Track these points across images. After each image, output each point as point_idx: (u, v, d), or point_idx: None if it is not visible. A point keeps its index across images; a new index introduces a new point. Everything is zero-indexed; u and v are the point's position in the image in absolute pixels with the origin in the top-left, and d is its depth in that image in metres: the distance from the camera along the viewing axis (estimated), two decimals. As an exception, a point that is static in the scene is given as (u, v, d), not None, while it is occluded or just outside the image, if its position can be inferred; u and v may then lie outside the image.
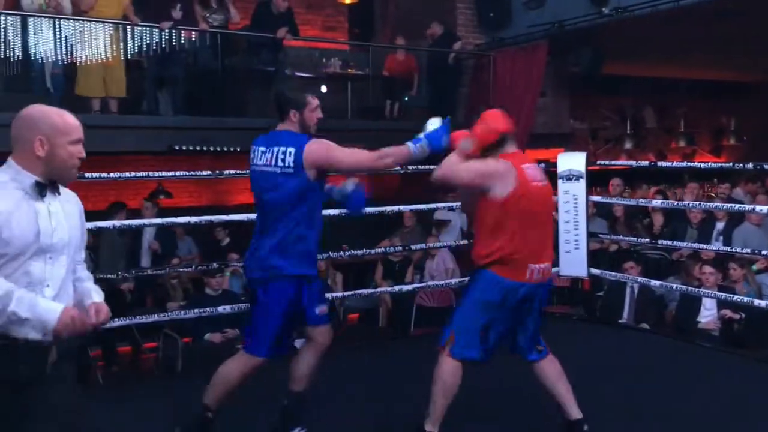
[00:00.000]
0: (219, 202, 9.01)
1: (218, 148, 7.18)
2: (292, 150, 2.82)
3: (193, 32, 7.11)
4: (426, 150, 2.88)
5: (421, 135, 2.92)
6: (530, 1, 8.12)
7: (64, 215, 2.00)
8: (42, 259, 1.93)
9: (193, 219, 4.21)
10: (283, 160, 2.82)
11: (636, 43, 8.43)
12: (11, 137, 1.97)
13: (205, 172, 4.43)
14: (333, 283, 6.72)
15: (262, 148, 2.93)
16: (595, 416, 2.98)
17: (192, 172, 4.62)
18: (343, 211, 3.43)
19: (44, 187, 1.95)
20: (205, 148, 7.09)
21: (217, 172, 4.36)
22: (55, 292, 1.95)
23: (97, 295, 2.10)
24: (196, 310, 4.31)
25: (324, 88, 8.67)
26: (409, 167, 4.37)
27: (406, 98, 8.77)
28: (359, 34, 10.12)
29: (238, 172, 4.18)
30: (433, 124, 2.93)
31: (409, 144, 2.90)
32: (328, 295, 4.87)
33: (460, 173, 2.84)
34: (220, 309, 4.26)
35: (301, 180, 2.81)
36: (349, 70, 8.45)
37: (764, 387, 3.71)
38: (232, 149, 7.19)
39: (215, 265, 5.35)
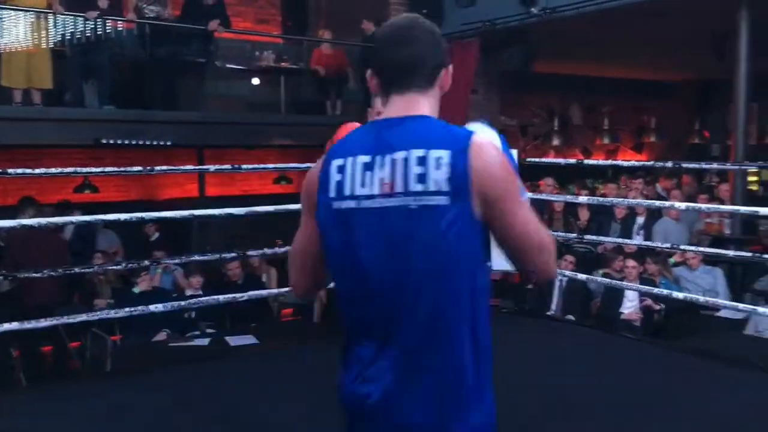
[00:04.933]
0: (149, 197, 8.82)
1: (147, 142, 7.02)
2: None
3: (119, 22, 6.93)
4: None
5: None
6: (462, -1, 8.24)
7: None
8: None
9: (123, 216, 4.12)
10: None
11: (564, 43, 8.67)
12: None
13: (135, 168, 4.34)
14: (267, 279, 6.69)
15: None
16: (522, 406, 3.07)
17: (123, 169, 4.50)
18: None
19: None
20: (134, 142, 6.92)
21: (149, 167, 4.27)
22: None
23: None
24: (126, 309, 4.22)
25: (256, 81, 8.59)
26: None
27: (340, 93, 8.78)
28: (292, 27, 10.05)
29: (170, 168, 4.10)
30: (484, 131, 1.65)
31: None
32: (263, 292, 4.87)
33: None
34: (152, 307, 4.19)
35: None
36: (283, 63, 8.39)
37: (683, 376, 3.89)
38: (162, 143, 7.05)
39: (146, 262, 5.24)
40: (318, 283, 1.57)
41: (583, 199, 6.30)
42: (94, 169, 4.31)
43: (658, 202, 6.11)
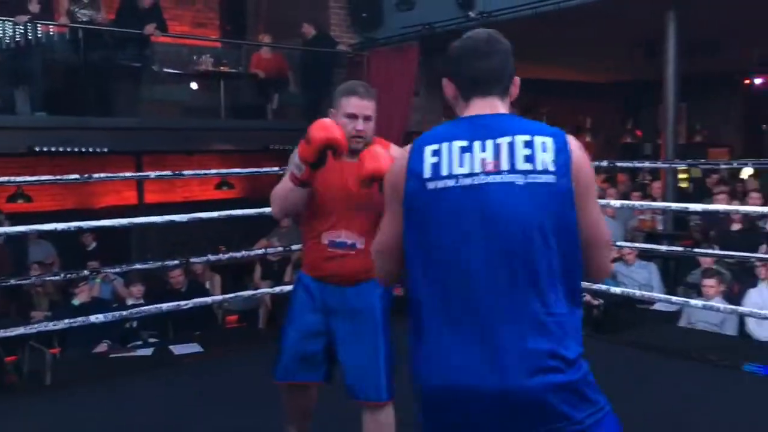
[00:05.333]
0: (85, 205, 8.59)
1: (83, 149, 6.85)
2: None
3: (51, 27, 6.74)
4: None
5: None
6: (401, 3, 8.31)
7: None
8: None
9: (60, 225, 4.00)
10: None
11: (501, 46, 8.83)
12: None
13: (72, 176, 4.22)
14: (211, 286, 6.60)
15: None
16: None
17: (59, 177, 4.37)
18: None
19: None
20: (68, 149, 6.74)
21: (87, 175, 4.16)
22: None
23: None
24: (65, 320, 4.10)
25: (194, 86, 8.47)
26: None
27: (276, 97, 8.72)
28: (231, 31, 9.94)
29: (109, 175, 4.01)
30: None
31: None
32: (207, 299, 4.80)
33: None
34: (92, 318, 4.08)
35: None
36: (222, 67, 8.30)
37: (624, 368, 4.01)
38: (98, 150, 6.88)
39: (86, 272, 5.10)
40: (401, 270, 1.59)
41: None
42: (28, 178, 4.16)
43: (601, 201, 6.29)
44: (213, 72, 8.15)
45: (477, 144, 1.45)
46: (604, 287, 5.04)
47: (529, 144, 1.44)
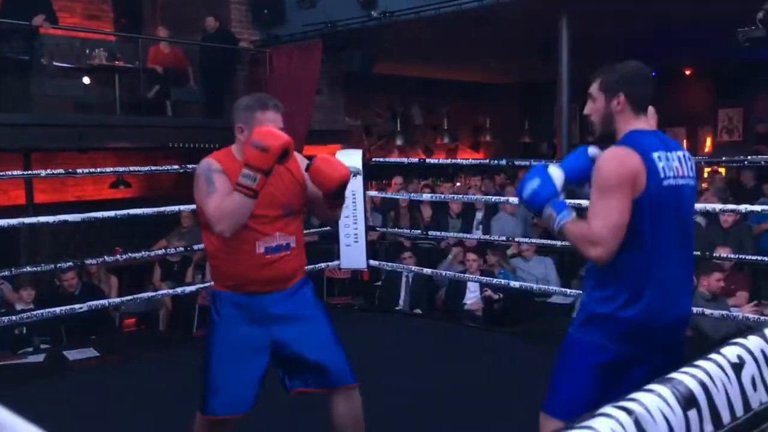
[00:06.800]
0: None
1: (-35, 146, 6.44)
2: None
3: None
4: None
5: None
6: (302, 0, 8.27)
7: None
8: None
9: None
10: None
11: (404, 46, 8.95)
12: None
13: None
14: (107, 287, 6.36)
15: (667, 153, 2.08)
16: (374, 400, 3.15)
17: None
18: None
19: None
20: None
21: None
22: None
23: None
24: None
25: (87, 80, 8.11)
26: (189, 166, 4.27)
27: (179, 92, 8.49)
28: (126, 24, 9.58)
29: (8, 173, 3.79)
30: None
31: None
32: (103, 301, 4.63)
33: None
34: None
35: None
36: (117, 62, 7.98)
37: (524, 358, 4.16)
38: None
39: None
40: None
41: (426, 196, 6.56)
42: None
43: (494, 197, 6.48)
44: (107, 66, 7.84)
45: (668, 155, 2.12)
46: (504, 281, 5.21)
47: (687, 158, 2.15)
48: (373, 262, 5.47)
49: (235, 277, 2.38)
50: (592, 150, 2.20)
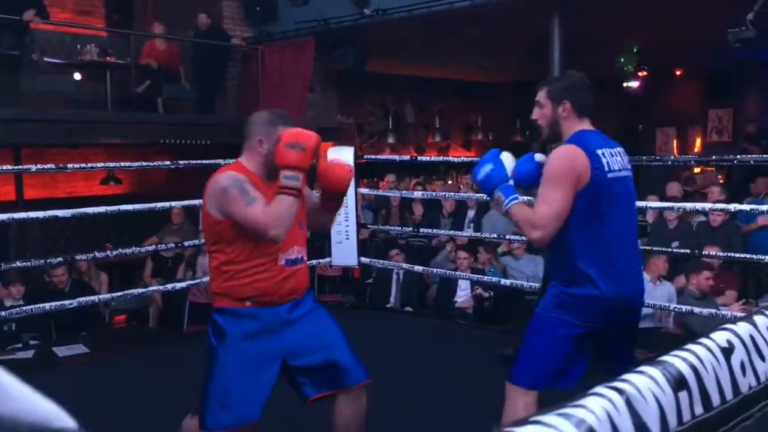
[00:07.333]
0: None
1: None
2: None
3: None
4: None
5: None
6: (295, -3, 8.26)
7: None
8: None
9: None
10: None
11: (396, 44, 8.96)
12: None
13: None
14: (97, 284, 6.33)
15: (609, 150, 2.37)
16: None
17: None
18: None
19: None
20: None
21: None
22: None
23: None
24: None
25: (78, 76, 8.08)
26: (180, 162, 4.26)
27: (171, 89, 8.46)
28: (118, 20, 9.54)
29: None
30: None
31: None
32: (93, 297, 4.61)
33: None
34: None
35: None
36: (108, 58, 7.95)
37: (512, 357, 4.18)
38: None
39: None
40: None
41: (418, 194, 6.57)
42: None
43: (485, 196, 6.50)
44: (98, 62, 7.80)
45: (610, 151, 2.39)
46: (494, 279, 5.22)
47: (624, 153, 2.44)
48: (364, 260, 5.47)
49: (255, 290, 2.33)
50: (538, 156, 2.48)
